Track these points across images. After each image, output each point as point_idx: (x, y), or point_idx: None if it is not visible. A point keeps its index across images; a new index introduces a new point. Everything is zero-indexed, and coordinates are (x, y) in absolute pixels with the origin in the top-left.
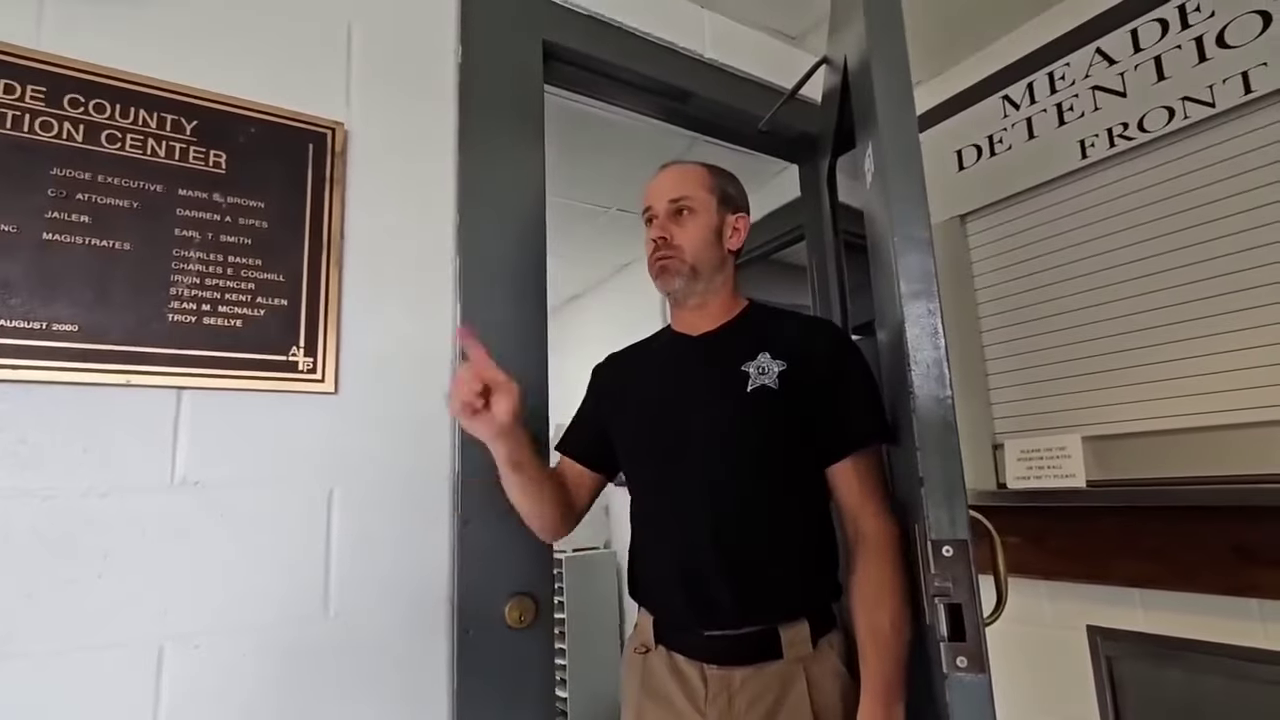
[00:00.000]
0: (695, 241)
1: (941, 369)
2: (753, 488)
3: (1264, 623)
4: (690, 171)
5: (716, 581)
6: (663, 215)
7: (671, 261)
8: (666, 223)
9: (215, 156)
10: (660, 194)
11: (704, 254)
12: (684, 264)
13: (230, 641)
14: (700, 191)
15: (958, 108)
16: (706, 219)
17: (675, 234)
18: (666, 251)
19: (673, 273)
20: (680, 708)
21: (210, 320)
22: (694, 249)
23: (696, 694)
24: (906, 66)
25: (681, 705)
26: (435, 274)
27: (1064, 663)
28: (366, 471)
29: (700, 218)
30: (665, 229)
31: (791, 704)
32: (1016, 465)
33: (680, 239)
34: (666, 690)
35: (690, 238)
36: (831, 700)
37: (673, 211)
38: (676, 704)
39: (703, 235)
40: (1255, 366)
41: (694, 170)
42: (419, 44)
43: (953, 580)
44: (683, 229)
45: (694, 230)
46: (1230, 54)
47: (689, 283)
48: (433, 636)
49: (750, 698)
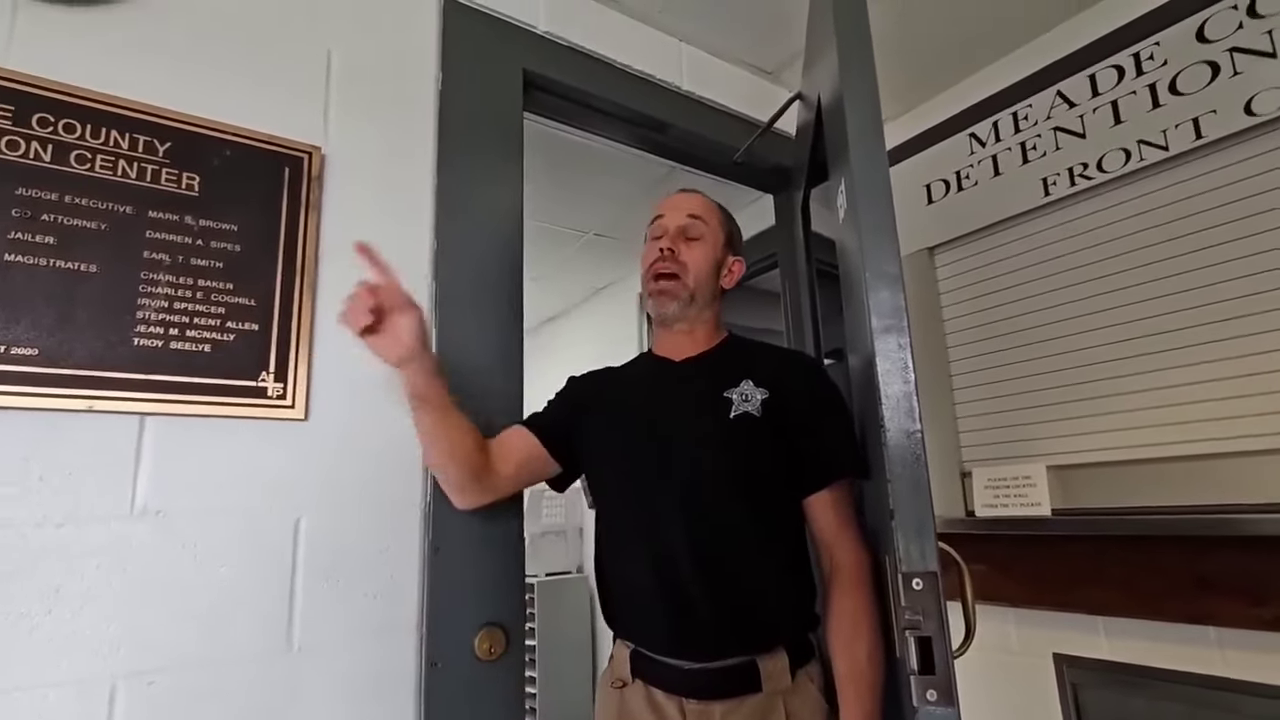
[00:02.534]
0: (701, 266)
1: (911, 403)
2: (736, 513)
3: (1221, 650)
4: (708, 202)
5: (700, 607)
6: (674, 230)
7: (674, 285)
8: (677, 238)
9: (188, 179)
10: (678, 208)
11: (705, 282)
12: (686, 288)
13: (187, 679)
14: (714, 222)
15: (927, 144)
16: (713, 250)
17: (683, 251)
18: (671, 267)
19: (672, 296)
20: None
21: (178, 344)
22: (698, 273)
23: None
24: (878, 107)
25: None
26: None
27: (1031, 690)
28: (335, 499)
29: (708, 246)
30: (675, 243)
31: None
32: (984, 493)
33: (687, 258)
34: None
35: (697, 261)
36: None
37: (685, 229)
38: None
39: (708, 263)
40: (1214, 399)
41: (710, 203)
42: (399, 71)
43: (922, 613)
44: (691, 250)
45: (701, 255)
46: (1182, 100)
47: (685, 308)
48: (399, 669)
49: None
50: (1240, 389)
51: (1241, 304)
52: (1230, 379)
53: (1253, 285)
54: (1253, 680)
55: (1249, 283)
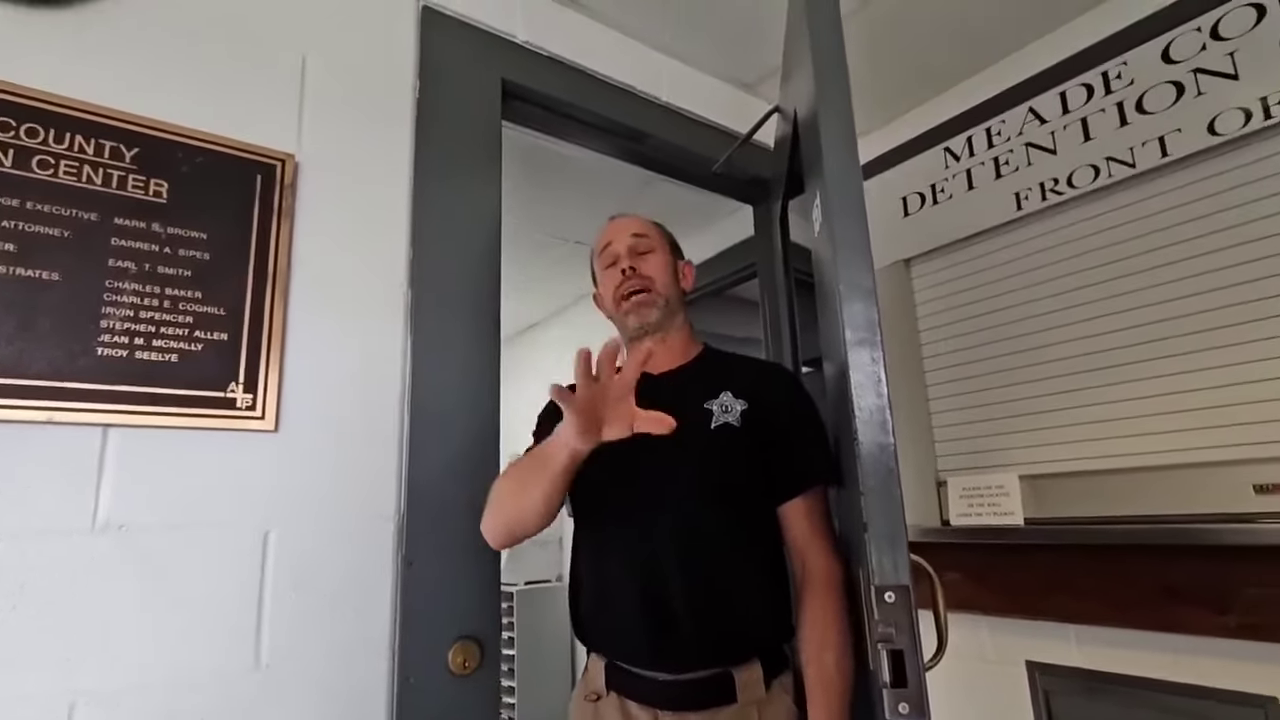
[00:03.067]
0: (662, 274)
1: (884, 416)
2: (716, 525)
3: (1185, 656)
4: (645, 220)
5: (678, 619)
6: (626, 251)
7: (648, 295)
8: (633, 257)
9: (156, 185)
10: (622, 231)
11: (670, 288)
12: (659, 295)
13: (150, 697)
14: (656, 234)
15: (903, 157)
16: (666, 258)
17: (643, 267)
18: (639, 283)
19: (649, 304)
20: None
21: (143, 354)
22: (664, 281)
23: None
24: (852, 123)
25: None
26: (386, 308)
27: (1004, 697)
28: (306, 513)
29: (661, 256)
30: (634, 260)
31: None
32: (959, 502)
33: (649, 271)
34: None
35: (658, 270)
36: None
37: (637, 248)
38: None
39: (668, 270)
40: (1180, 411)
41: (647, 220)
42: (376, 78)
43: (895, 626)
44: (649, 264)
45: (659, 265)
46: (1149, 119)
47: (664, 315)
48: (371, 685)
49: None
50: (1205, 401)
51: (1204, 319)
52: (1195, 391)
53: (1215, 300)
54: (1218, 687)
55: (1211, 298)
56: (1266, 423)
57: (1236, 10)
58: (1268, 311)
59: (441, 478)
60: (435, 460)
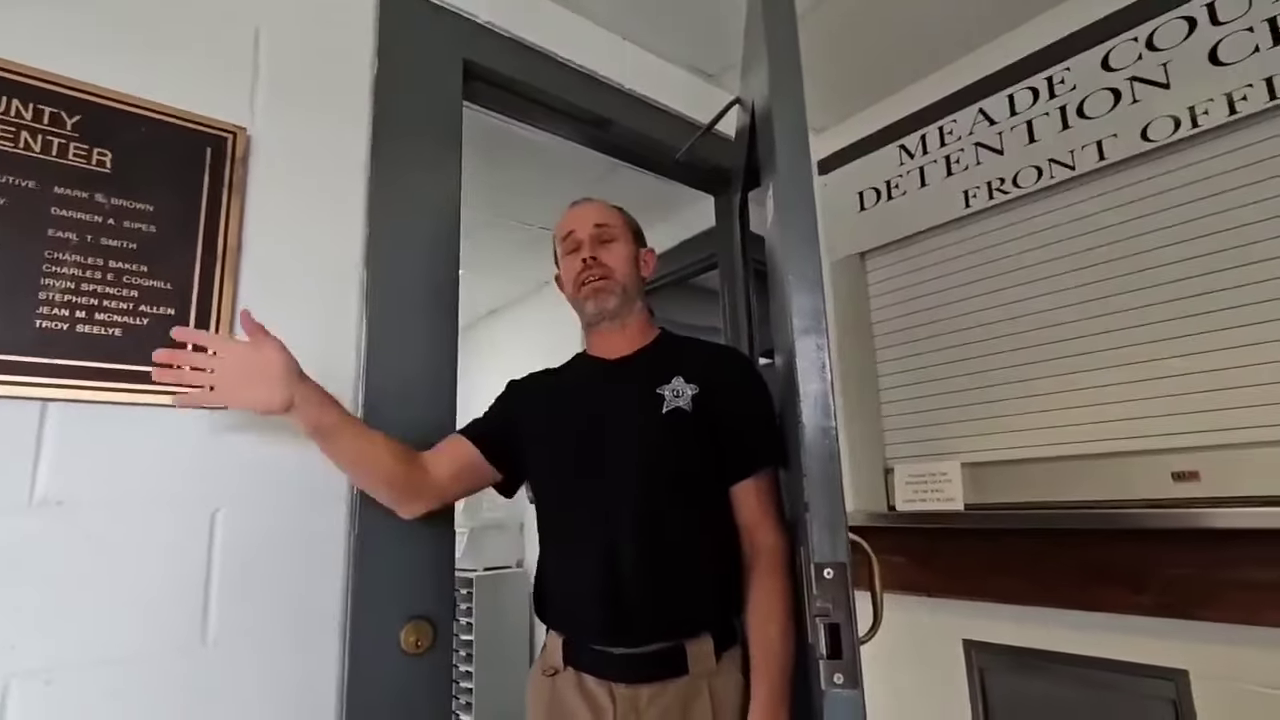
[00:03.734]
0: (623, 264)
1: (827, 400)
2: (668, 504)
3: (1106, 633)
4: (609, 207)
5: (634, 596)
6: (588, 239)
7: (607, 282)
8: (594, 245)
9: (99, 155)
10: (584, 220)
11: (629, 277)
12: (618, 284)
13: (90, 676)
14: (619, 222)
15: (860, 152)
16: (627, 247)
17: (604, 256)
18: (599, 271)
19: (609, 292)
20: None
21: (85, 328)
22: (624, 270)
23: (605, 713)
24: (804, 121)
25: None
26: (340, 286)
27: (943, 674)
28: (256, 490)
29: (622, 245)
30: (595, 250)
31: (695, 718)
32: (905, 488)
33: (609, 260)
34: (574, 711)
35: (618, 260)
36: (733, 714)
37: (599, 236)
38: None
39: (628, 259)
40: (1110, 402)
41: (610, 207)
42: (333, 54)
43: (832, 601)
44: (610, 252)
45: (620, 254)
46: (1088, 124)
47: (622, 303)
48: (321, 664)
49: (657, 714)
50: (1131, 394)
51: (1132, 316)
52: (1122, 384)
53: (1142, 299)
54: (1135, 661)
55: (1138, 297)
56: (1186, 414)
57: (1170, 22)
58: (1189, 310)
59: None
60: None
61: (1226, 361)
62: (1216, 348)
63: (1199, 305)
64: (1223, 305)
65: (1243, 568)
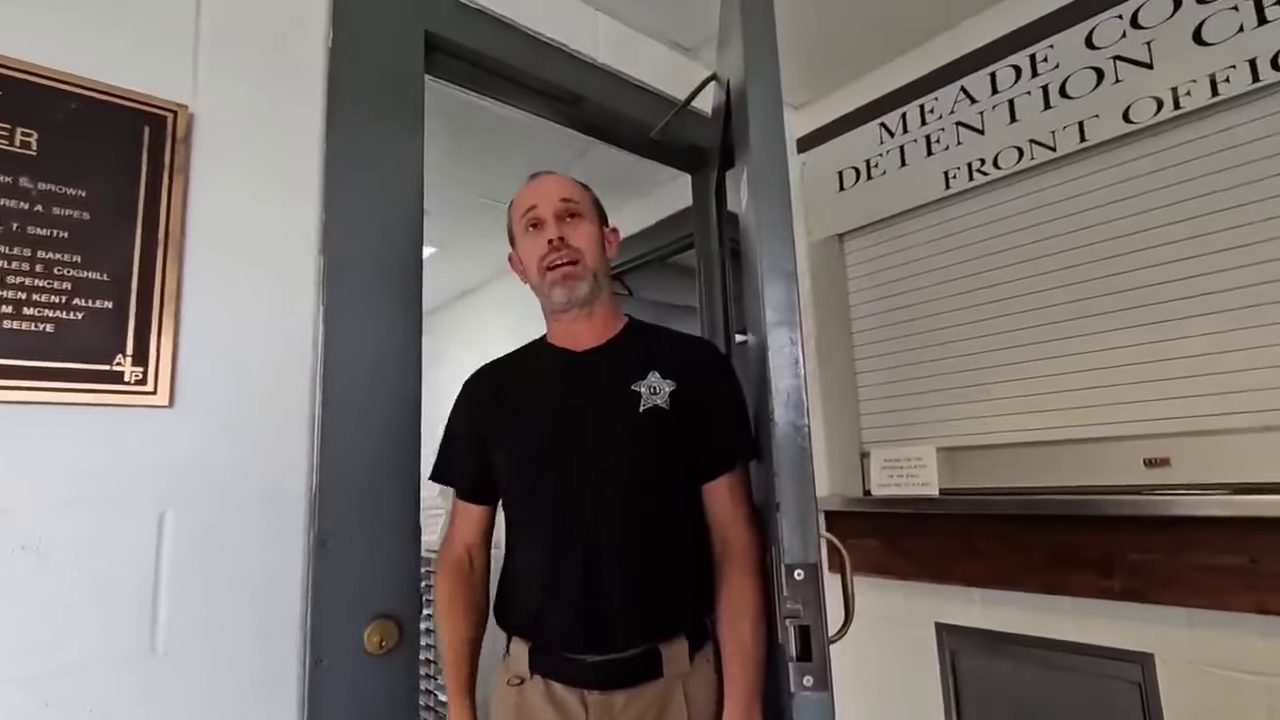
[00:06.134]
0: (592, 246)
1: (800, 396)
2: (645, 507)
3: (1073, 617)
4: (573, 182)
5: (611, 604)
6: (553, 217)
7: (576, 267)
8: (560, 224)
9: (23, 135)
10: (548, 194)
11: (599, 261)
12: (588, 269)
13: (28, 690)
14: (584, 198)
15: (840, 130)
16: (594, 226)
17: (572, 237)
18: (568, 254)
19: (579, 278)
20: None
21: (12, 324)
22: (593, 253)
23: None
24: (779, 103)
25: None
26: (295, 272)
27: (915, 656)
28: (207, 492)
29: (588, 224)
30: (562, 230)
31: None
32: (880, 473)
33: (578, 242)
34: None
35: (587, 242)
36: (708, 713)
37: (565, 213)
38: None
39: (595, 240)
40: (1084, 388)
41: (571, 180)
42: (282, 24)
43: (803, 602)
44: (578, 232)
45: (587, 235)
46: (1070, 104)
47: (593, 290)
48: (280, 669)
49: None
50: (1106, 379)
51: (1108, 301)
52: (1097, 370)
53: (1118, 284)
54: (1103, 644)
55: (1117, 281)
56: (1159, 400)
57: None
58: (1164, 295)
59: (357, 454)
60: (350, 436)
61: (1202, 348)
62: (1193, 334)
63: (1176, 291)
64: (1200, 291)
65: (1208, 553)
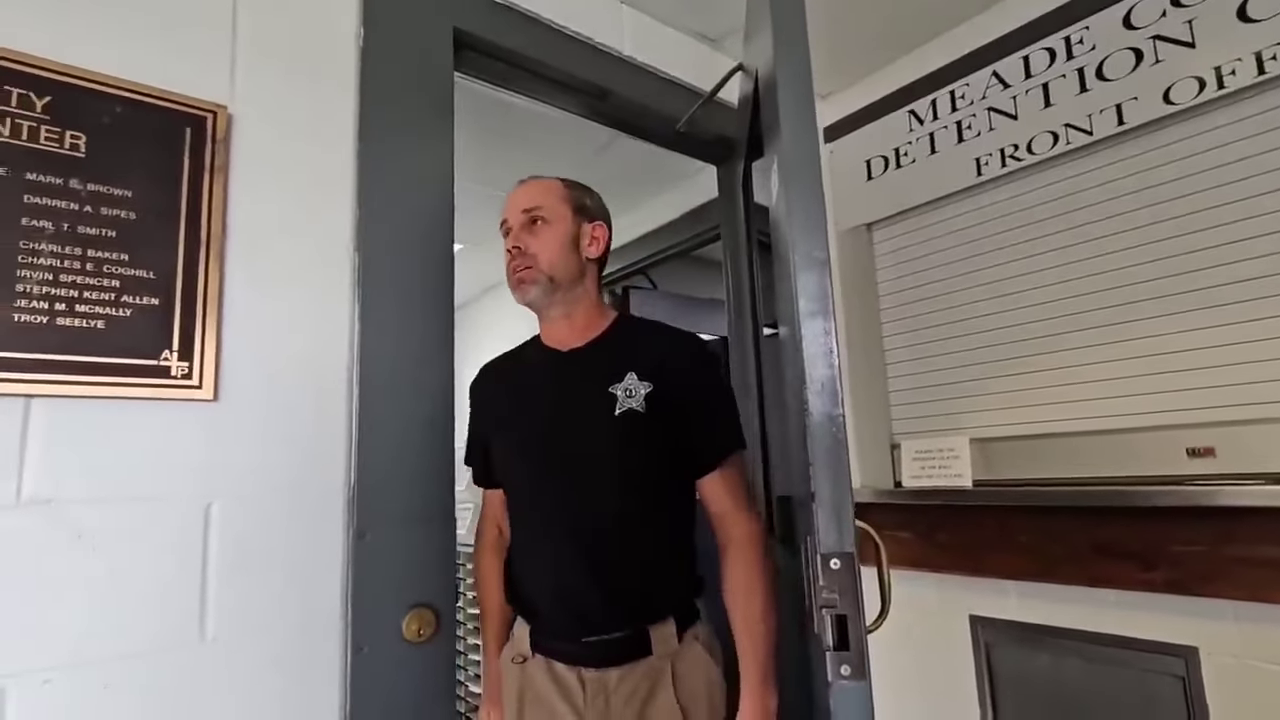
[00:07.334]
0: (550, 250)
1: (835, 387)
2: (622, 504)
3: (1114, 610)
4: (544, 184)
5: (588, 595)
6: (516, 227)
7: (529, 272)
8: (520, 233)
9: (73, 138)
10: (514, 206)
11: (560, 262)
12: (540, 273)
13: (88, 675)
14: (554, 202)
15: (868, 119)
16: (562, 228)
17: (529, 244)
18: (522, 261)
19: (529, 282)
20: (561, 712)
21: (65, 321)
22: (549, 257)
23: (576, 698)
24: (810, 90)
25: (562, 710)
26: (331, 270)
27: (948, 649)
28: (250, 484)
29: (555, 227)
30: (519, 239)
31: (661, 697)
32: (911, 465)
33: (534, 248)
34: (547, 697)
35: (545, 246)
36: (697, 688)
37: (526, 222)
38: (558, 710)
39: (559, 243)
40: (1123, 377)
41: (548, 183)
42: (316, 25)
43: (839, 592)
44: (537, 238)
45: (549, 239)
46: (1107, 86)
47: (547, 292)
48: (323, 656)
49: (625, 695)
50: (1146, 367)
51: (1149, 288)
52: (1137, 358)
53: (1159, 270)
54: (1145, 638)
55: (1155, 268)
56: (1204, 389)
57: None
58: (1209, 281)
59: (394, 447)
60: (387, 429)
61: (1248, 334)
62: (1239, 319)
63: (1221, 275)
64: (1245, 276)
65: (1255, 544)
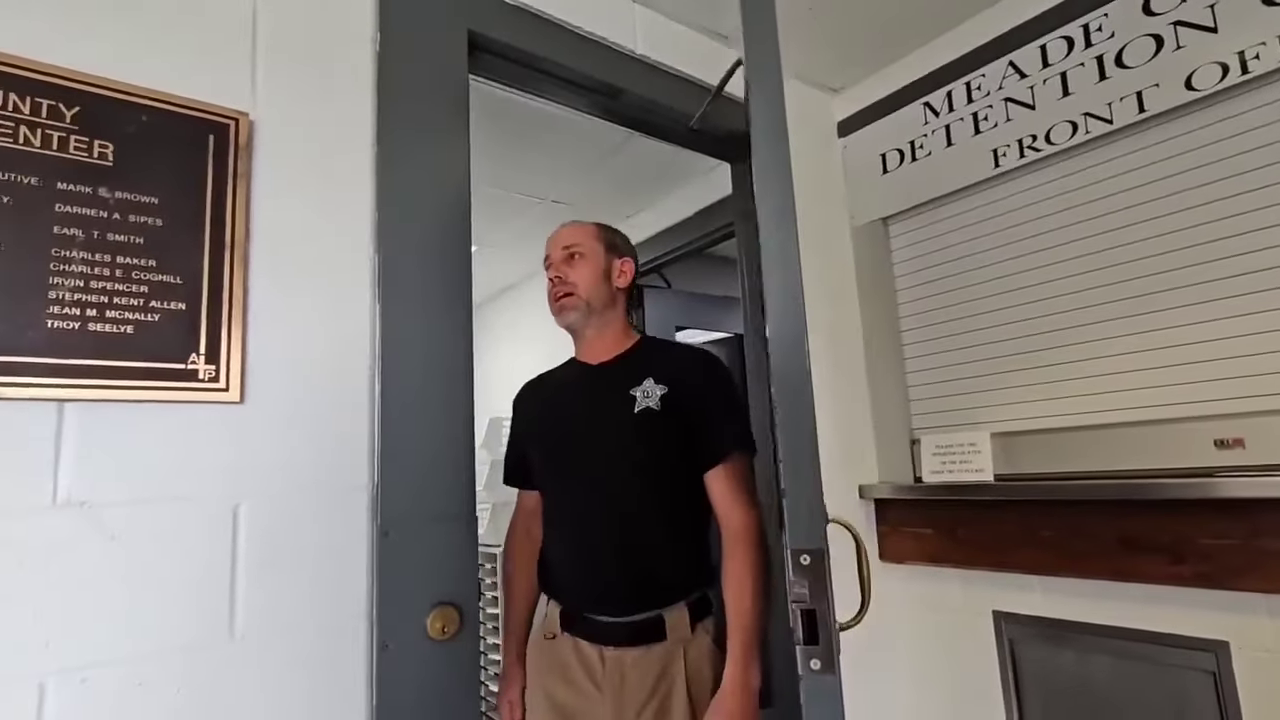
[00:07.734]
0: (587, 279)
1: (803, 384)
2: (641, 494)
3: (1142, 604)
4: (582, 227)
5: (612, 576)
6: (558, 260)
7: (570, 299)
8: (561, 265)
9: (101, 147)
10: (556, 244)
11: (595, 290)
12: (580, 299)
13: (122, 672)
14: (589, 240)
15: (884, 112)
16: (596, 262)
17: (569, 274)
18: (564, 288)
19: (570, 308)
20: (581, 684)
21: (96, 326)
22: (586, 286)
23: (595, 673)
24: (779, 87)
25: (583, 682)
26: (351, 273)
27: (972, 645)
28: (277, 484)
29: (590, 261)
30: (560, 270)
31: (670, 679)
32: (931, 460)
33: (574, 277)
34: (571, 670)
35: (582, 277)
36: (704, 674)
37: (566, 256)
38: (579, 682)
39: (593, 275)
40: (1148, 368)
41: (585, 226)
42: (333, 31)
43: (809, 588)
44: (575, 269)
45: (585, 271)
46: (1127, 74)
47: (584, 316)
48: (349, 653)
49: (639, 675)
50: (1172, 358)
51: (1172, 277)
52: (1163, 349)
53: (1183, 260)
54: (1174, 633)
55: (1179, 257)
56: (1232, 379)
57: None
58: (1234, 270)
59: (416, 446)
60: (409, 428)
61: (1275, 324)
62: (1267, 308)
63: (1247, 264)
64: (1272, 264)
65: None
